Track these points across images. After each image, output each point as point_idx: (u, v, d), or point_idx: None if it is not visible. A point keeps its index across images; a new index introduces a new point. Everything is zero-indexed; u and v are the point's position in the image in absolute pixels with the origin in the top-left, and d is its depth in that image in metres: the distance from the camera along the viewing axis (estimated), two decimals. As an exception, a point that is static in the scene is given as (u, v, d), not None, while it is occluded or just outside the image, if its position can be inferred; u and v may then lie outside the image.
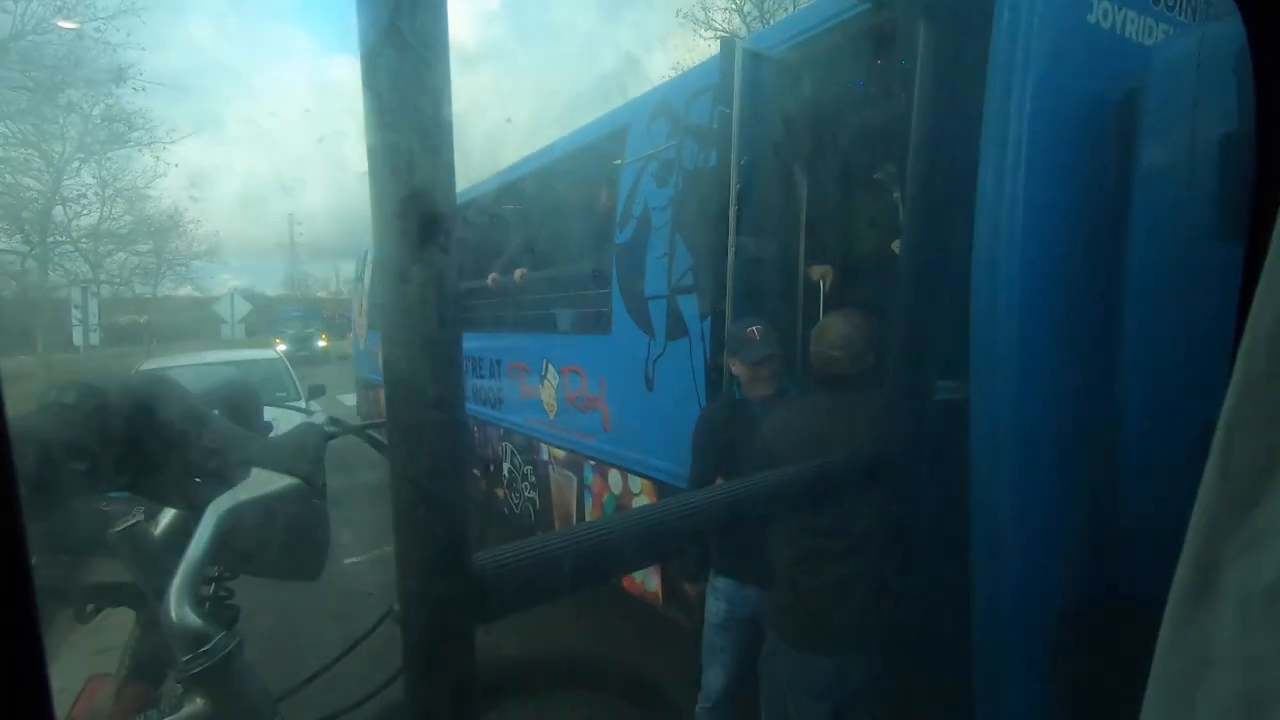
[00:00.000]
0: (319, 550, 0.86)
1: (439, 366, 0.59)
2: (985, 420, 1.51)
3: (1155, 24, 1.59)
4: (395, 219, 0.57)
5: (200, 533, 0.72)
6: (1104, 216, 1.52)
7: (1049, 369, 1.50)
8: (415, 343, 0.57)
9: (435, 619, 0.61)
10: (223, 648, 0.76)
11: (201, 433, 0.77)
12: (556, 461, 3.52)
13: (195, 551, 0.72)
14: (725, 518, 0.93)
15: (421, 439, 0.59)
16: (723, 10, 13.95)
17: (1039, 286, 1.47)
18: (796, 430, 1.76)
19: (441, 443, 0.60)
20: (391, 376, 0.59)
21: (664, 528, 0.85)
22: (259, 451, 0.80)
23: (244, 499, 0.76)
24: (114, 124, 16.79)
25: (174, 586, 0.71)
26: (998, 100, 1.47)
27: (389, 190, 0.57)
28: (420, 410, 0.58)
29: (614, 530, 0.80)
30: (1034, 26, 1.44)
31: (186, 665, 0.76)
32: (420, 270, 0.57)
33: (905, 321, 1.36)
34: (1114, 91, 1.51)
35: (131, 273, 20.21)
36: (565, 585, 0.72)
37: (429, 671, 0.61)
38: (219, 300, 18.02)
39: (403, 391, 0.58)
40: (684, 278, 2.64)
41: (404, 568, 0.61)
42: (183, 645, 0.72)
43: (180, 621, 0.71)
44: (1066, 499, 1.55)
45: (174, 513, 0.83)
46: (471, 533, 0.63)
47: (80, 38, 14.54)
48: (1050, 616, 1.54)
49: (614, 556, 0.77)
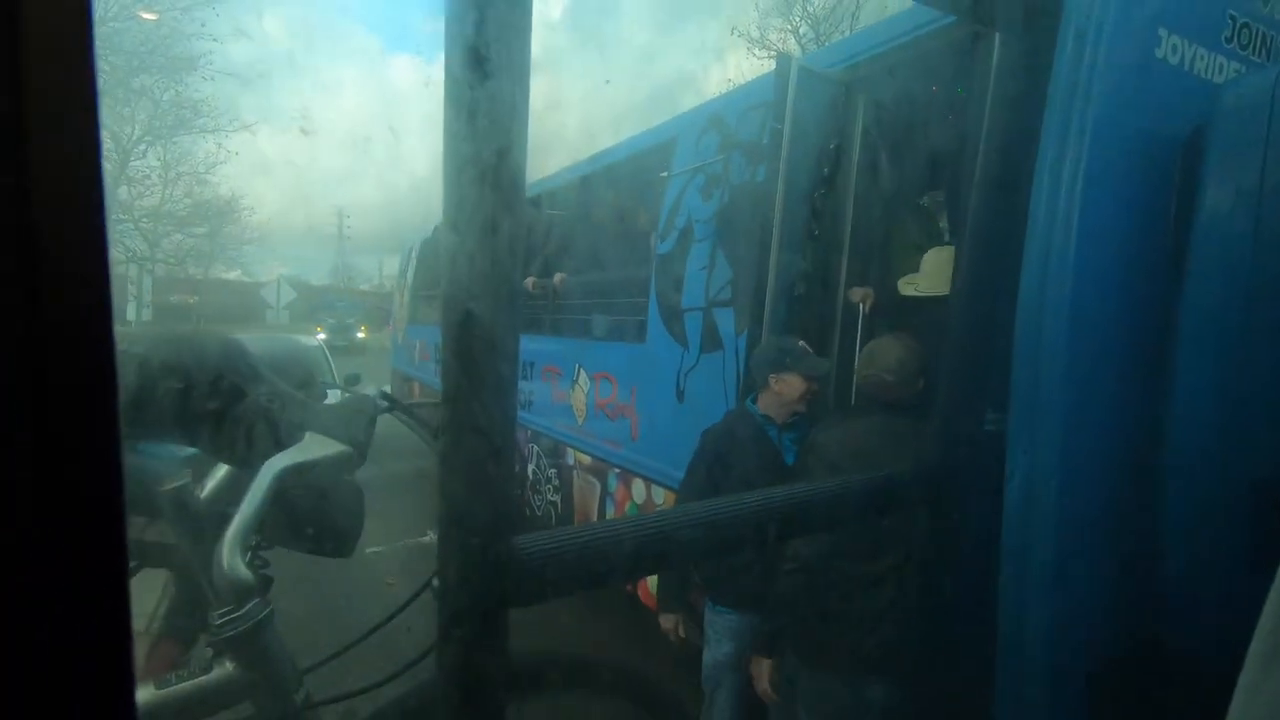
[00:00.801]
0: (354, 528, 0.88)
1: (501, 343, 0.61)
2: (1023, 459, 1.47)
3: (1226, 61, 1.55)
4: (477, 179, 0.59)
5: (255, 489, 0.75)
6: (1160, 257, 1.48)
7: (1093, 412, 1.46)
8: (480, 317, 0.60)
9: (472, 596, 0.62)
10: (256, 614, 0.79)
11: (262, 394, 0.79)
12: (581, 466, 3.53)
13: (250, 506, 0.75)
14: (775, 524, 0.92)
15: (476, 414, 0.60)
16: (778, 31, 14.01)
17: (1086, 325, 1.44)
18: (856, 449, 1.73)
19: (494, 420, 0.61)
20: (455, 334, 0.60)
21: (709, 528, 0.84)
22: (314, 417, 0.82)
23: (298, 460, 0.78)
24: (181, 110, 17.57)
25: (228, 538, 0.73)
26: (1055, 133, 1.44)
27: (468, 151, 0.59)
28: (478, 381, 0.59)
29: (658, 525, 0.80)
30: (1098, 60, 1.41)
31: (219, 629, 0.78)
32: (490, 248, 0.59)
33: (955, 350, 1.34)
34: (1179, 129, 1.48)
35: (186, 254, 21.02)
36: (604, 575, 0.72)
37: (462, 647, 0.62)
38: (266, 286, 18.58)
39: (463, 360, 0.59)
40: (722, 291, 2.64)
41: (445, 543, 0.62)
42: (231, 595, 0.74)
43: (232, 571, 0.73)
44: (1104, 546, 1.50)
45: (220, 477, 0.86)
46: (513, 515, 0.64)
47: (158, 26, 15.28)
48: (1080, 669, 1.49)
49: (656, 551, 0.77)
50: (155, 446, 0.81)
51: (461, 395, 0.59)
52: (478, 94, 0.59)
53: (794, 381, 2.01)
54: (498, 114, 0.60)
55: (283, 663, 0.81)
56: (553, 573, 0.67)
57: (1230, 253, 1.39)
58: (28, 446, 0.24)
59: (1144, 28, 1.44)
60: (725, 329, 2.59)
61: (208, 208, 20.15)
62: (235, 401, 0.77)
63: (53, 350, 0.24)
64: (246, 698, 0.79)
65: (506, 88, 0.60)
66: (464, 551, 0.61)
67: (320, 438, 0.79)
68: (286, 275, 20.84)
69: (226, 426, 0.77)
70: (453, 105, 0.59)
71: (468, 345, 0.59)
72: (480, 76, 0.58)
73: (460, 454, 0.61)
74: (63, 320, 0.25)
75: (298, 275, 29.72)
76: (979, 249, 1.34)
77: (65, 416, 0.25)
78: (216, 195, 20.22)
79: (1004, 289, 1.42)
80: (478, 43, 0.58)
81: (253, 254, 24.21)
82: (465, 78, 0.58)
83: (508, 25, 0.59)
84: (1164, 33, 1.46)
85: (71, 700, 0.25)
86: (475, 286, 0.60)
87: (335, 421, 0.82)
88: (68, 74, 0.25)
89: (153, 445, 0.80)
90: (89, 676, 0.26)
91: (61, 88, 0.25)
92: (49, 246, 0.25)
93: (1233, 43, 1.57)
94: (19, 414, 0.24)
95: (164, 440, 0.80)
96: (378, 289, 29.62)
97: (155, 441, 0.80)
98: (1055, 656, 1.46)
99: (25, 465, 0.24)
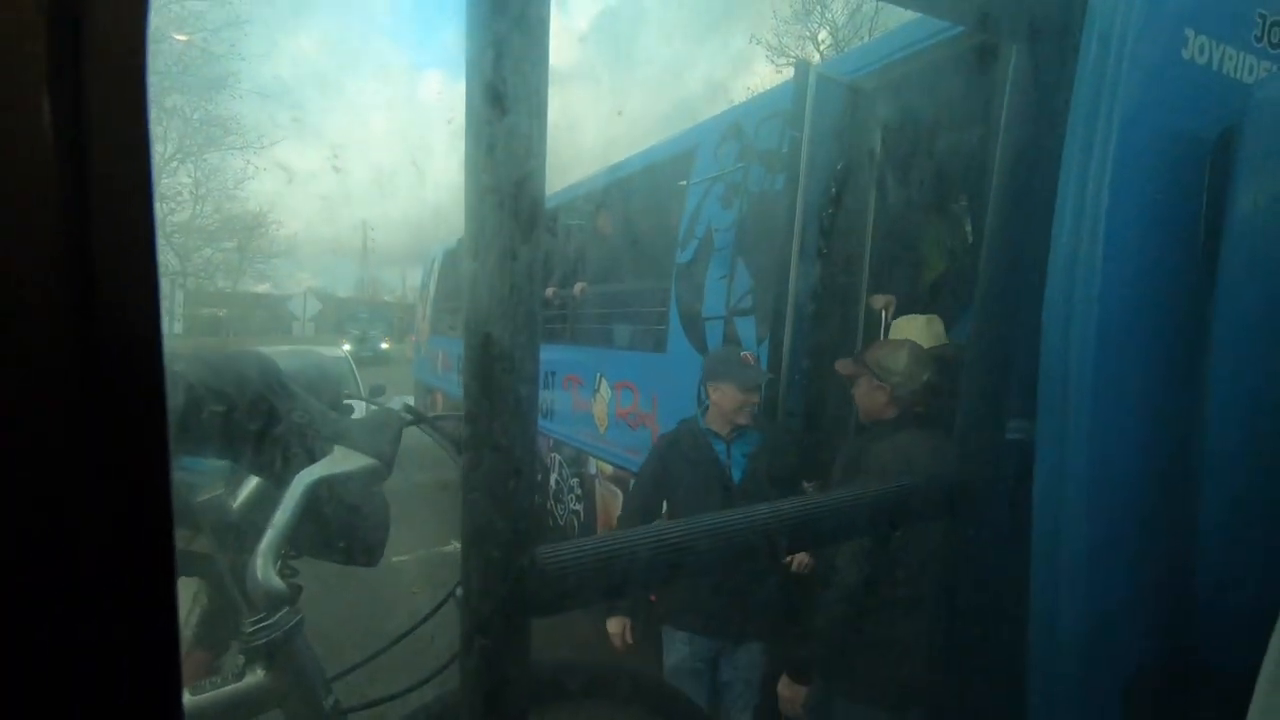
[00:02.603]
0: (381, 538, 0.90)
1: (520, 365, 0.62)
2: (1052, 466, 1.44)
3: (1257, 61, 1.52)
4: (496, 207, 0.61)
5: (287, 500, 0.77)
6: (1190, 261, 1.45)
7: (1123, 418, 1.43)
8: (503, 326, 0.62)
9: (495, 605, 0.63)
10: (287, 622, 0.80)
11: (293, 408, 0.82)
12: (604, 476, 3.53)
13: (283, 517, 0.77)
14: (796, 533, 0.92)
15: (496, 434, 0.62)
16: (796, 38, 14.01)
17: (1114, 331, 1.41)
18: (906, 458, 1.66)
19: (515, 439, 0.62)
20: (475, 356, 0.62)
21: (729, 538, 0.85)
22: (343, 432, 0.85)
23: (328, 473, 0.81)
24: (211, 128, 18.02)
25: (261, 548, 0.75)
26: (1080, 137, 1.42)
27: (488, 177, 0.61)
28: (498, 402, 0.61)
29: (675, 535, 0.81)
30: (1124, 62, 1.39)
31: (251, 636, 0.80)
32: (521, 258, 0.61)
33: (978, 358, 1.33)
34: (1207, 130, 1.45)
35: (216, 268, 21.50)
36: (623, 586, 0.73)
37: (485, 655, 0.63)
38: (293, 298, 18.95)
39: (484, 382, 0.61)
40: (742, 300, 2.64)
41: (469, 555, 0.63)
42: (265, 603, 0.76)
43: (266, 581, 0.75)
44: (1137, 555, 1.47)
45: (251, 489, 0.88)
46: (534, 528, 0.65)
47: (189, 47, 15.73)
48: (1115, 686, 1.45)
49: (674, 561, 0.78)
50: (191, 460, 0.84)
51: (482, 415, 0.61)
52: (496, 129, 0.61)
53: (729, 392, 1.99)
54: (515, 147, 0.62)
55: (313, 670, 0.82)
56: (573, 582, 0.68)
57: (1264, 255, 1.35)
58: (83, 459, 0.25)
59: (1170, 28, 1.42)
60: (746, 338, 2.59)
61: (236, 222, 20.63)
62: (271, 420, 0.79)
63: (106, 367, 0.26)
64: (277, 704, 0.81)
65: (524, 122, 0.62)
66: (486, 562, 0.62)
67: (349, 451, 0.82)
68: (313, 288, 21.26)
69: (263, 443, 0.80)
70: (473, 138, 0.62)
71: (488, 367, 0.61)
72: (499, 112, 0.61)
73: (482, 470, 0.62)
74: (116, 337, 0.26)
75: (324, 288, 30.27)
76: (1002, 255, 1.32)
77: (119, 434, 0.26)
78: (245, 210, 20.70)
79: (1027, 295, 1.40)
80: (495, 79, 0.60)
81: (280, 267, 24.71)
82: (485, 113, 0.61)
83: (525, 61, 0.61)
84: (1191, 33, 1.43)
85: (125, 706, 0.26)
86: (495, 310, 0.62)
87: (362, 435, 0.84)
88: (121, 94, 0.27)
89: (189, 459, 0.83)
90: (141, 682, 0.27)
91: (118, 109, 0.26)
92: (103, 264, 0.26)
93: (1263, 41, 1.53)
94: (76, 430, 0.25)
95: (201, 455, 0.83)
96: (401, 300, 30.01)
97: (192, 456, 0.83)
98: (1089, 668, 1.43)
99: (83, 477, 0.25)
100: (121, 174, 0.26)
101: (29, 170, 0.24)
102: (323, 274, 38.17)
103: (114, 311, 0.26)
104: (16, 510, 0.24)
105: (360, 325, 24.20)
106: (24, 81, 0.24)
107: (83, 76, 0.25)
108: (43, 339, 0.25)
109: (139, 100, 0.27)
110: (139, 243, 0.27)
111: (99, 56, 0.25)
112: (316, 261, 39.93)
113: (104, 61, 0.26)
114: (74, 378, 0.25)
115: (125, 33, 0.26)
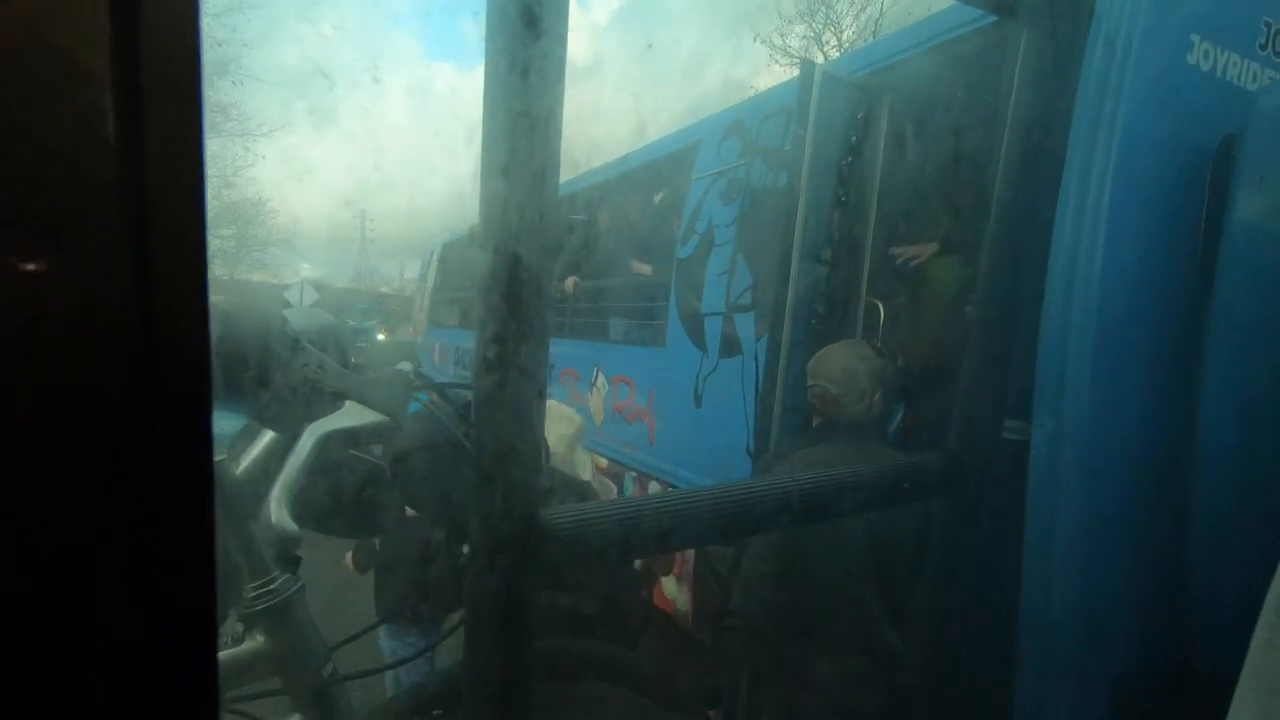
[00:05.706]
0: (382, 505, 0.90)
1: (533, 332, 0.64)
2: (1046, 469, 1.46)
3: (1260, 69, 1.53)
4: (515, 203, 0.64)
5: (298, 451, 0.78)
6: (1188, 264, 1.47)
7: (1120, 418, 1.45)
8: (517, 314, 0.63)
9: (501, 567, 0.63)
10: (286, 588, 0.81)
11: (306, 361, 0.83)
12: (598, 469, 3.54)
13: (294, 464, 0.78)
14: (794, 507, 0.93)
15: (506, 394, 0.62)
16: (800, 38, 14.03)
17: (1113, 332, 1.42)
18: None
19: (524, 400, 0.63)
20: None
21: (729, 510, 0.85)
22: (353, 386, 0.85)
23: (340, 426, 0.82)
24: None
25: (274, 494, 0.77)
26: (1083, 138, 1.43)
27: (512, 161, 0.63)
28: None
29: (680, 504, 0.82)
30: (1128, 65, 1.41)
31: (252, 602, 0.80)
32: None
33: (976, 357, 1.34)
34: (1210, 136, 1.46)
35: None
36: (627, 549, 0.74)
37: (491, 616, 0.64)
38: (290, 287, 18.86)
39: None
40: (742, 296, 2.64)
41: (475, 515, 0.64)
42: (277, 547, 0.77)
43: (279, 524, 0.76)
44: (1129, 559, 1.48)
45: (254, 454, 0.89)
46: (541, 490, 0.66)
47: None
48: (1105, 683, 1.46)
49: (677, 529, 0.79)
50: None
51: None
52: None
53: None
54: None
55: (311, 637, 0.83)
56: (579, 546, 0.69)
57: (1262, 261, 1.37)
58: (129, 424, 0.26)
59: (1175, 33, 1.44)
60: (745, 334, 2.59)
61: (234, 209, 20.55)
62: (283, 372, 0.80)
63: (161, 362, 0.27)
64: (276, 670, 0.81)
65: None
66: (491, 526, 0.63)
67: (359, 407, 0.82)
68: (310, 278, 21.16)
69: (274, 395, 0.80)
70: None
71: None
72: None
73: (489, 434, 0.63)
74: (169, 333, 0.27)
75: (322, 277, 30.08)
76: (1002, 253, 1.33)
77: (165, 400, 0.27)
78: (243, 198, 20.63)
79: (1026, 295, 1.41)
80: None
81: (278, 256, 24.58)
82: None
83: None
84: (1195, 38, 1.45)
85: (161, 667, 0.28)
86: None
87: (374, 392, 0.85)
88: (178, 103, 0.27)
89: None
90: (180, 644, 0.28)
91: (175, 116, 0.27)
92: (156, 265, 0.27)
93: (1267, 49, 1.55)
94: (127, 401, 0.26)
95: (237, 409, 0.84)
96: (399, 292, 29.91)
97: (240, 403, 0.84)
98: (1080, 666, 1.44)
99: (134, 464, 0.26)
100: (175, 180, 0.27)
101: (93, 180, 0.25)
102: (322, 264, 37.94)
103: (169, 313, 0.27)
104: (76, 489, 0.26)
105: (356, 316, 24.08)
106: (89, 92, 0.25)
107: (141, 84, 0.26)
108: (107, 336, 0.26)
109: (195, 108, 0.27)
110: (191, 246, 0.28)
111: (156, 65, 0.26)
112: (316, 251, 39.75)
113: (161, 69, 0.26)
114: (135, 372, 0.26)
115: (181, 40, 0.27)
